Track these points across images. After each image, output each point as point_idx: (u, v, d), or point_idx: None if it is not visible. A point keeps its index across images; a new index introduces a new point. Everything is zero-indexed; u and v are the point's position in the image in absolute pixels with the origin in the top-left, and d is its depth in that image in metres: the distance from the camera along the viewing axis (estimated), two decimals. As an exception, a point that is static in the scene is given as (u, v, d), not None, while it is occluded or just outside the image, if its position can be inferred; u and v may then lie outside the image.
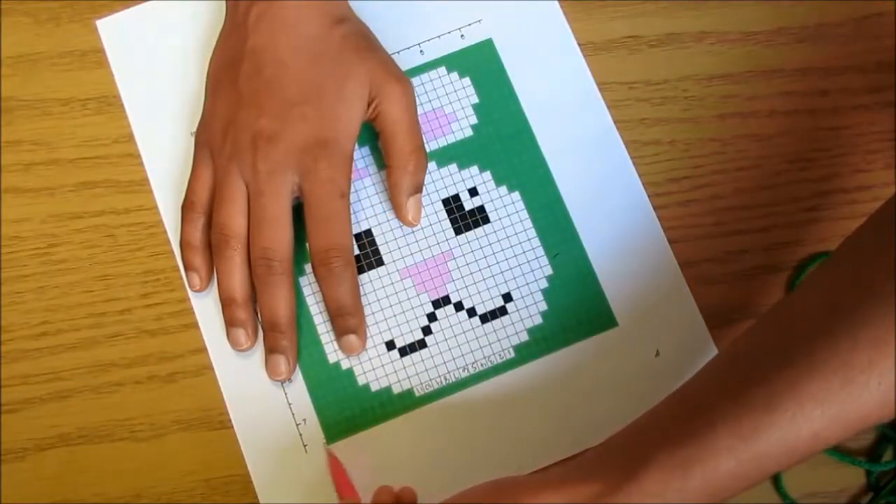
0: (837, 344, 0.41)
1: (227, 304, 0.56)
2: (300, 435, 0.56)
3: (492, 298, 0.57)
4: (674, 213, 0.59)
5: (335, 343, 0.57)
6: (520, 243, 0.58)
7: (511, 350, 0.57)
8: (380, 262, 0.58)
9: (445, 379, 0.56)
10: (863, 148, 0.59)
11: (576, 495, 0.43)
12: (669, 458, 0.42)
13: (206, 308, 0.57)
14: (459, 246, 0.58)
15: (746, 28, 0.61)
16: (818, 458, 0.54)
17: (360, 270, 0.58)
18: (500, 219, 0.59)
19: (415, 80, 0.60)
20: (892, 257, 0.42)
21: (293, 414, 0.56)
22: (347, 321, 0.56)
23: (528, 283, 0.57)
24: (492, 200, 0.59)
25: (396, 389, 0.56)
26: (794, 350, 0.42)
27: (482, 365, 0.56)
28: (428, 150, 0.59)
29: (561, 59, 0.61)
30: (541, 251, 0.58)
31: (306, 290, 0.58)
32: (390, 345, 0.57)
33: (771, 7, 0.61)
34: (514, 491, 0.44)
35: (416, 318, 0.57)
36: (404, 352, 0.57)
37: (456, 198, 0.59)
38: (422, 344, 0.57)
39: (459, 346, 0.57)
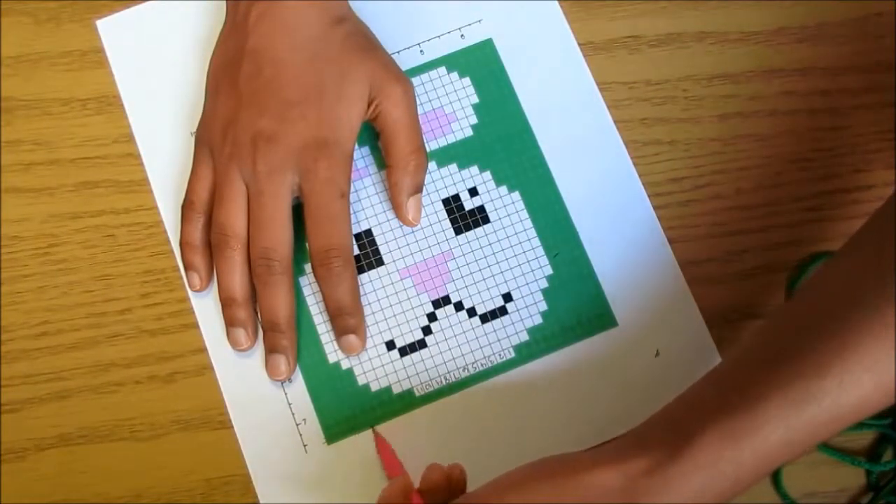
0: (883, 311, 0.42)
1: (227, 304, 0.56)
2: (300, 435, 0.56)
3: (492, 298, 0.57)
4: (674, 213, 0.59)
5: (335, 343, 0.57)
6: (520, 243, 0.58)
7: (511, 350, 0.57)
8: (380, 262, 0.58)
9: (445, 379, 0.56)
10: (863, 148, 0.59)
11: (629, 469, 0.43)
12: (720, 429, 0.42)
13: (206, 308, 0.57)
14: (459, 246, 0.58)
15: (746, 28, 0.61)
16: (818, 458, 0.55)
17: (360, 270, 0.58)
18: (500, 219, 0.59)
19: (415, 80, 0.59)
20: None
21: (293, 414, 0.56)
22: (347, 321, 0.56)
23: (528, 283, 0.57)
24: (492, 200, 0.59)
25: (396, 389, 0.56)
26: (841, 317, 0.43)
27: (482, 365, 0.56)
28: (428, 150, 0.59)
29: (561, 59, 0.61)
30: (541, 251, 0.58)
31: (306, 290, 0.58)
32: (390, 345, 0.57)
33: (771, 7, 0.61)
34: (569, 467, 0.44)
35: (416, 318, 0.57)
36: (404, 352, 0.57)
37: (456, 198, 0.59)
38: (422, 344, 0.57)
39: (459, 346, 0.57)
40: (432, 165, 0.59)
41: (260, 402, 0.56)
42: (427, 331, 0.57)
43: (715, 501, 0.43)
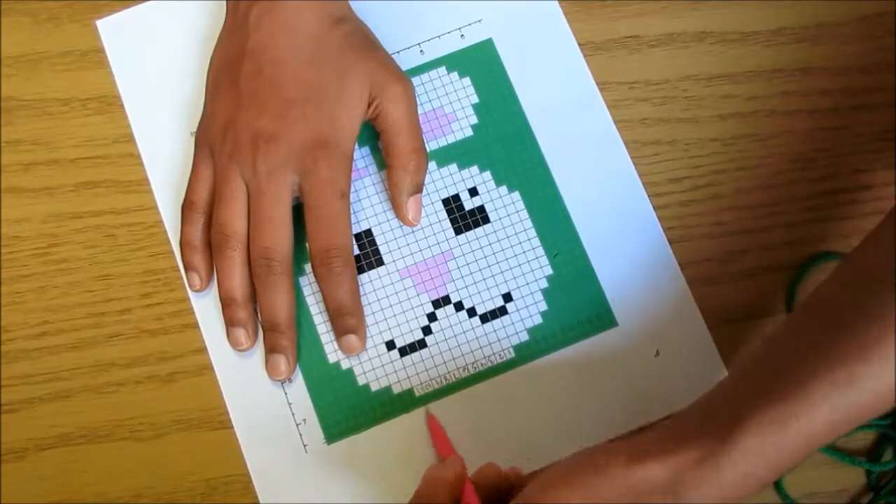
0: None
1: (227, 304, 0.56)
2: (300, 435, 0.56)
3: (492, 298, 0.57)
4: (674, 213, 0.59)
5: (335, 343, 0.57)
6: (520, 243, 0.58)
7: (511, 350, 0.57)
8: (380, 262, 0.58)
9: (445, 379, 0.56)
10: (863, 148, 0.59)
11: (676, 463, 0.43)
12: (765, 414, 0.42)
13: (206, 308, 0.57)
14: (459, 246, 0.58)
15: (746, 28, 0.61)
16: (818, 458, 0.55)
17: (360, 270, 0.58)
18: (500, 219, 0.59)
19: (415, 80, 0.59)
20: None
21: (293, 414, 0.56)
22: (347, 321, 0.56)
23: (528, 283, 0.57)
24: (492, 200, 0.59)
25: (396, 389, 0.56)
26: (880, 300, 0.43)
27: (482, 365, 0.57)
28: (428, 150, 0.59)
29: (561, 59, 0.61)
30: (541, 251, 0.58)
31: (306, 290, 0.58)
32: (390, 345, 0.57)
33: (771, 7, 0.61)
34: (619, 458, 0.44)
35: (416, 318, 0.57)
36: (404, 352, 0.57)
37: (456, 198, 0.59)
38: (422, 344, 0.57)
39: (459, 346, 0.57)
40: (432, 165, 0.59)
41: (260, 402, 0.56)
42: (427, 331, 0.57)
43: (756, 487, 0.43)
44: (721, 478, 0.42)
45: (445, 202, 0.59)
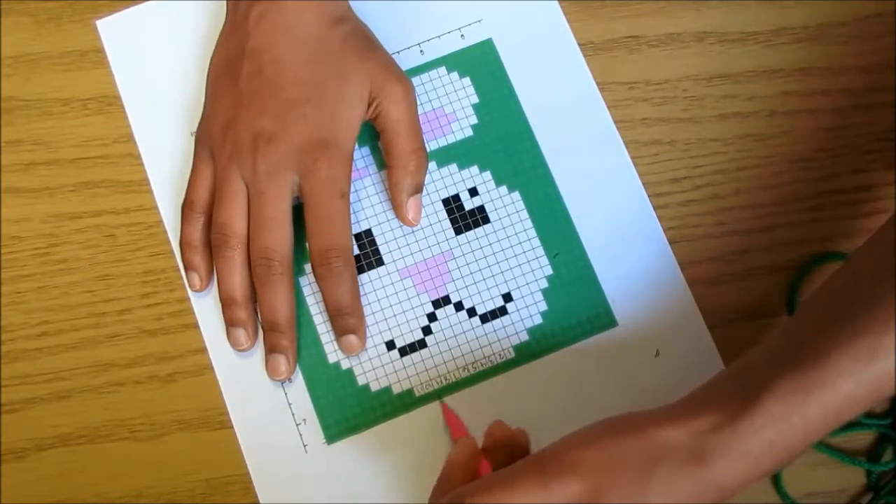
0: None
1: (227, 304, 0.56)
2: (300, 435, 0.56)
3: (492, 298, 0.57)
4: (674, 213, 0.59)
5: (335, 343, 0.57)
6: (520, 243, 0.58)
7: (511, 350, 0.57)
8: (380, 262, 0.58)
9: (445, 379, 0.56)
10: (863, 148, 0.59)
11: (697, 426, 0.43)
12: (789, 383, 0.42)
13: (206, 308, 0.58)
14: (459, 246, 0.58)
15: (746, 28, 0.61)
16: (818, 458, 0.55)
17: (360, 270, 0.58)
18: (500, 219, 0.59)
19: (415, 80, 0.59)
20: None
21: (293, 414, 0.56)
22: (347, 321, 0.56)
23: (528, 283, 0.57)
24: (492, 200, 0.59)
25: (396, 389, 0.56)
26: None
27: (482, 365, 0.57)
28: (428, 150, 0.59)
29: (561, 59, 0.61)
30: (541, 251, 0.58)
31: (306, 290, 0.58)
32: (390, 345, 0.57)
33: (771, 7, 0.61)
34: (639, 423, 0.44)
35: (416, 318, 0.57)
36: (404, 352, 0.57)
37: (456, 198, 0.59)
38: (422, 344, 0.57)
39: (459, 346, 0.57)
40: (432, 165, 0.59)
41: (260, 403, 0.56)
42: (427, 331, 0.57)
43: (782, 456, 0.43)
44: (745, 445, 0.42)
45: (445, 202, 0.59)
